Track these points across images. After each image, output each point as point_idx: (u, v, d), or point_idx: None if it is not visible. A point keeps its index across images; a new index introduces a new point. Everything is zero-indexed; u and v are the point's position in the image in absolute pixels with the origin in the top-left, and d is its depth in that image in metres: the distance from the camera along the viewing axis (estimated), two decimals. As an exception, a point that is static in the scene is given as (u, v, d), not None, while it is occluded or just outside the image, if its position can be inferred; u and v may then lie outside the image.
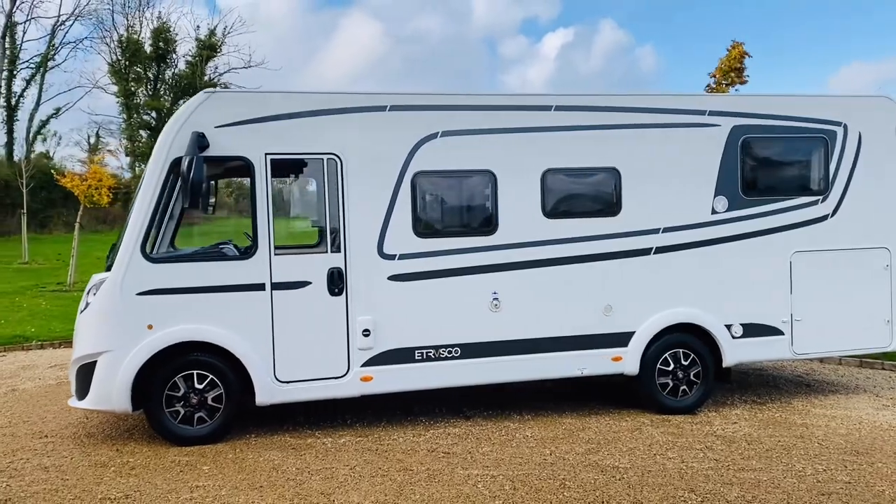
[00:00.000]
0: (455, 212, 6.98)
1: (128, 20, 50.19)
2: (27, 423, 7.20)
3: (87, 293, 6.47)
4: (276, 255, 6.39)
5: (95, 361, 6.15)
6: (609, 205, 7.09)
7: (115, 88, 48.66)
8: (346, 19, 78.99)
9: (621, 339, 7.11)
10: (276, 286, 6.38)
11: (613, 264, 7.07)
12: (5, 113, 39.85)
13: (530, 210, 6.89)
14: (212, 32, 51.24)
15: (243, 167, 6.39)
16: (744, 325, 7.37)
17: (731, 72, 16.53)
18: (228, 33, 51.55)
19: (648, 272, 7.15)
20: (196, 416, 6.34)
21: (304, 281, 6.44)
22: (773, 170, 7.60)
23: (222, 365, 6.33)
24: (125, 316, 6.11)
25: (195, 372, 6.32)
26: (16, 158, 39.17)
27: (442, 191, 6.86)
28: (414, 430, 6.74)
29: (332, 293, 6.49)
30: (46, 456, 6.14)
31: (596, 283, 7.04)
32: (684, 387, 7.29)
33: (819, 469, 5.68)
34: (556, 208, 6.97)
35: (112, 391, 6.10)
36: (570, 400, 7.79)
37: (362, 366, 6.56)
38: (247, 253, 6.38)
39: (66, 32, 44.45)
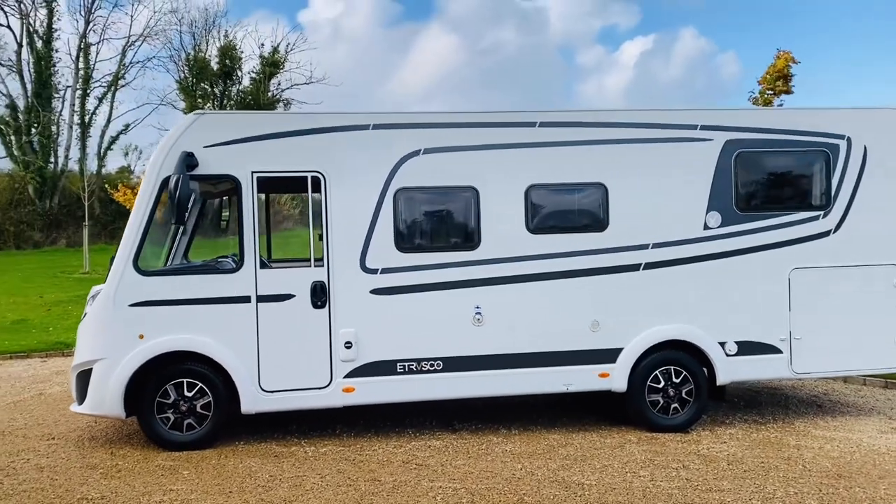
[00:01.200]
0: (437, 227, 7.09)
1: (195, 39, 52.17)
2: (41, 425, 7.63)
3: (88, 303, 6.85)
4: (261, 268, 6.63)
5: (92, 368, 6.50)
6: (595, 220, 7.08)
7: (183, 105, 50.57)
8: (423, 33, 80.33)
9: (609, 356, 7.07)
10: (262, 299, 6.62)
11: (600, 280, 7.05)
12: (79, 130, 41.92)
13: (514, 225, 6.94)
14: (275, 50, 52.75)
15: (231, 185, 6.67)
16: (738, 343, 7.21)
17: (778, 80, 16.09)
18: (291, 50, 53.06)
19: (637, 288, 7.09)
20: (185, 422, 6.63)
21: (288, 294, 6.67)
22: (770, 185, 7.43)
23: (210, 374, 6.60)
24: (118, 326, 6.44)
25: (185, 380, 6.61)
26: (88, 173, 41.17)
27: (424, 206, 6.98)
28: (397, 442, 6.86)
29: (316, 306, 6.68)
30: (46, 457, 6.53)
31: (582, 299, 7.03)
32: (675, 405, 7.19)
33: (791, 492, 5.54)
34: (540, 224, 7.00)
35: (106, 397, 6.43)
36: (566, 414, 7.76)
37: (345, 377, 6.73)
38: (233, 267, 6.64)
39: (136, 52, 46.34)
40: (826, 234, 7.35)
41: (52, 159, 40.36)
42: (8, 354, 12.00)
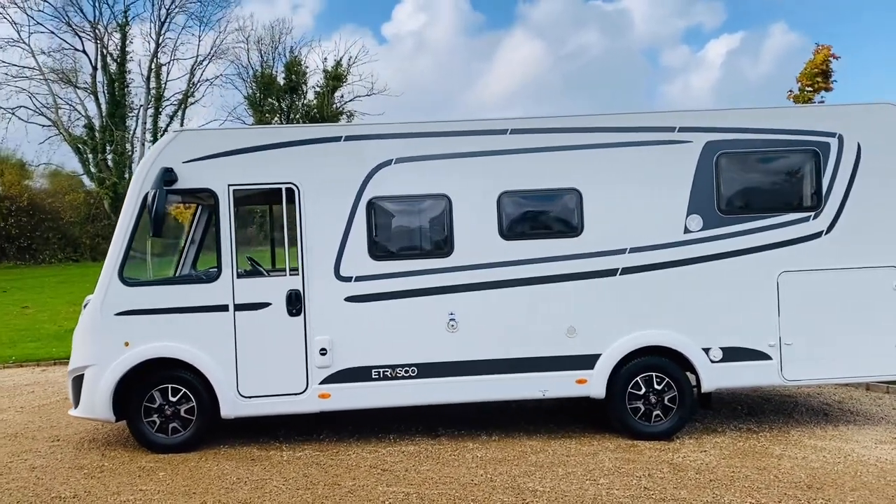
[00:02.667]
0: (410, 235, 7.19)
1: (262, 56, 53.81)
2: (53, 427, 8.10)
3: (82, 311, 7.24)
4: (238, 277, 6.88)
5: (84, 374, 6.88)
6: (569, 226, 7.04)
7: (251, 120, 52.24)
8: (505, 41, 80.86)
9: (586, 362, 7.00)
10: (239, 307, 6.86)
11: (576, 285, 7.00)
12: (151, 147, 43.81)
13: (487, 232, 6.97)
14: (338, 63, 53.90)
15: (209, 198, 6.94)
16: (723, 349, 7.03)
17: (818, 76, 15.44)
18: (353, 63, 54.10)
19: (615, 293, 7.01)
20: (170, 426, 6.93)
21: (264, 302, 6.89)
22: (755, 186, 7.21)
23: (193, 380, 6.87)
24: (105, 334, 6.80)
25: (169, 386, 6.91)
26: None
27: (397, 215, 7.10)
28: (372, 447, 6.97)
29: (291, 314, 6.88)
30: (43, 458, 6.94)
31: (557, 305, 6.99)
32: (657, 412, 7.05)
33: (748, 502, 5.38)
34: (513, 230, 7.01)
35: (96, 402, 6.79)
36: (555, 421, 7.71)
37: (320, 383, 6.90)
38: (212, 277, 6.91)
39: (204, 71, 48.20)
40: (817, 235, 7.09)
41: (126, 175, 42.36)
42: (52, 361, 12.70)
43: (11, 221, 32.85)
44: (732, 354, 7.04)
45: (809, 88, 15.54)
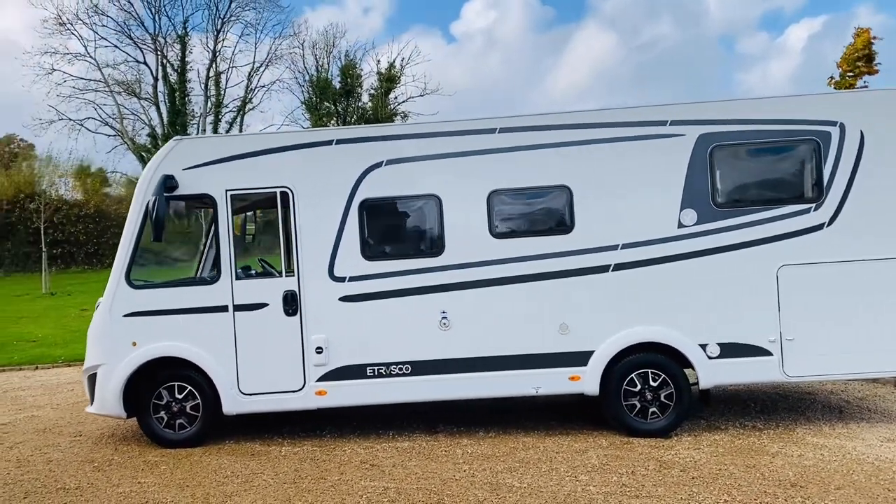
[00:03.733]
0: (402, 235, 7.31)
1: (317, 60, 54.81)
2: (79, 423, 8.54)
3: (94, 313, 7.62)
4: (237, 279, 7.13)
5: (96, 372, 7.25)
6: (560, 223, 7.04)
7: (308, 124, 53.31)
8: (577, 34, 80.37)
9: (579, 359, 6.99)
10: (238, 308, 7.12)
11: (567, 282, 6.99)
12: (212, 153, 45.12)
13: (477, 231, 7.03)
14: (391, 65, 54.47)
15: (208, 203, 7.22)
16: (721, 345, 6.91)
17: (859, 61, 14.83)
18: (406, 64, 54.59)
19: (607, 290, 6.97)
20: (177, 422, 7.24)
21: (261, 303, 7.12)
22: (751, 178, 7.05)
23: (198, 378, 7.16)
24: (114, 334, 7.15)
25: (176, 384, 7.22)
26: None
27: (388, 216, 7.23)
28: (368, 443, 7.13)
29: (288, 314, 7.09)
30: (61, 451, 7.35)
31: (549, 302, 7.00)
32: (654, 409, 6.98)
33: (723, 499, 5.30)
34: (503, 228, 7.05)
35: (107, 399, 7.15)
36: (555, 418, 7.71)
37: (317, 381, 7.09)
38: (212, 279, 7.18)
39: (260, 77, 49.49)
40: (819, 227, 6.89)
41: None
42: (98, 361, 13.30)
43: (80, 227, 34.39)
44: (731, 350, 6.91)
45: (851, 74, 15.00)
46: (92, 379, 7.33)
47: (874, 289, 6.84)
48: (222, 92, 47.18)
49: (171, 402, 7.23)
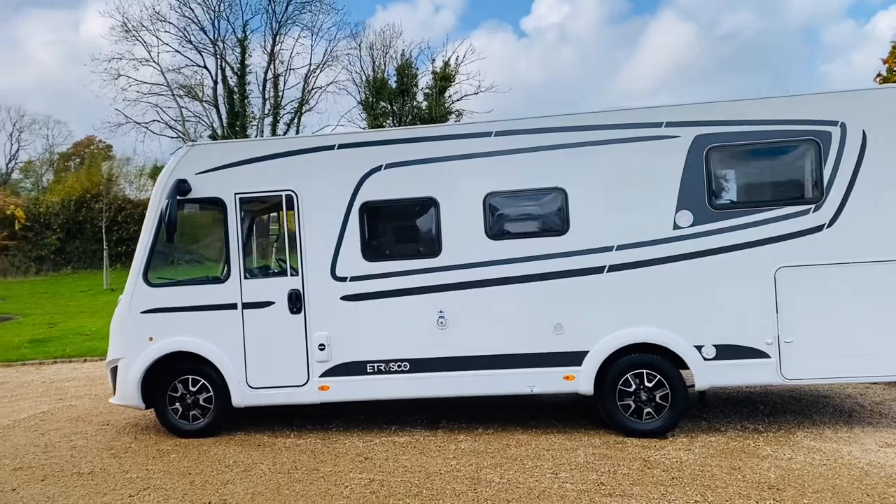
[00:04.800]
0: (401, 237, 7.53)
1: (374, 61, 55.55)
2: (109, 413, 9.07)
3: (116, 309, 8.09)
4: (245, 279, 7.48)
5: (117, 365, 7.72)
6: (555, 224, 7.13)
7: (364, 124, 54.11)
8: (653, 26, 79.37)
9: (574, 358, 7.08)
10: (246, 305, 7.47)
11: (562, 283, 7.08)
12: (269, 154, 46.31)
13: (473, 232, 7.19)
14: (446, 64, 54.79)
15: (219, 206, 7.58)
16: (717, 347, 6.90)
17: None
18: (461, 63, 54.84)
19: (602, 291, 7.04)
20: (191, 413, 7.65)
21: (268, 301, 7.45)
22: (749, 180, 7.03)
23: (211, 371, 7.55)
24: (132, 329, 7.59)
25: (190, 377, 7.62)
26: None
27: (388, 218, 7.46)
28: (369, 437, 7.39)
29: (292, 311, 7.40)
30: (86, 439, 7.86)
31: (544, 302, 7.11)
32: (649, 409, 7.02)
33: (695, 499, 5.35)
34: (499, 230, 7.19)
35: (127, 390, 7.61)
36: (557, 416, 7.82)
37: (320, 376, 7.38)
38: (221, 278, 7.55)
39: (317, 78, 50.47)
40: (818, 229, 6.80)
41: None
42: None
43: (135, 229, 35.99)
44: (727, 352, 6.89)
45: (898, 68, 14.50)
46: (114, 371, 7.79)
47: (875, 291, 6.72)
48: (280, 94, 48.39)
49: (185, 395, 7.64)
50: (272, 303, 7.44)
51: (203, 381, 7.61)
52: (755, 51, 70.74)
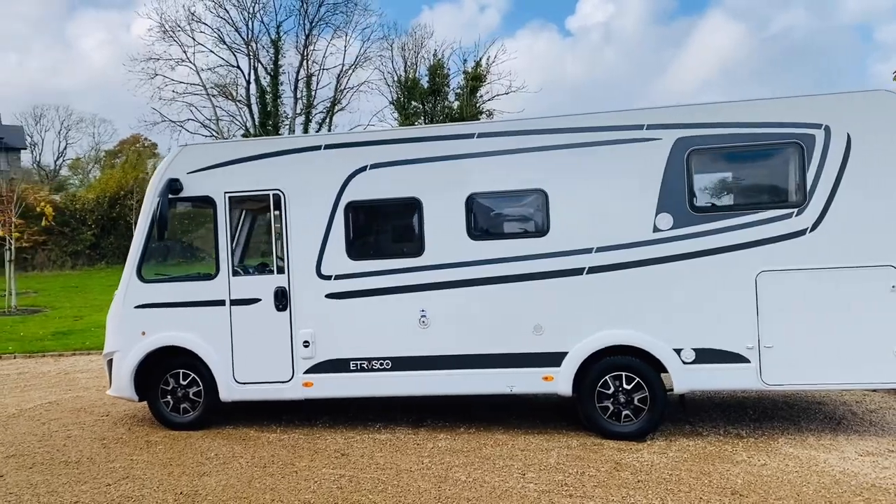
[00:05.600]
0: (384, 236, 7.63)
1: (406, 61, 55.84)
2: (111, 405, 9.33)
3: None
4: (233, 276, 7.66)
5: (112, 358, 7.96)
6: (535, 226, 7.17)
7: (395, 123, 54.38)
8: (700, 26, 78.45)
9: (553, 359, 7.11)
10: (234, 302, 7.64)
11: (542, 284, 7.11)
12: (301, 153, 46.87)
13: (455, 233, 7.25)
14: (477, 64, 54.84)
15: (209, 204, 7.76)
16: (696, 350, 6.86)
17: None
18: (492, 63, 54.85)
19: (581, 292, 7.05)
20: (181, 406, 7.85)
21: (255, 298, 7.62)
22: (730, 183, 6.99)
23: (200, 366, 7.75)
24: (126, 324, 7.83)
25: (181, 371, 7.83)
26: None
27: (372, 217, 7.57)
28: (353, 433, 7.51)
29: (278, 309, 7.56)
30: (82, 429, 8.12)
31: (524, 303, 7.14)
32: (627, 412, 7.02)
33: (654, 502, 5.34)
34: (480, 231, 7.25)
35: (121, 383, 7.84)
36: (540, 416, 7.85)
37: (304, 373, 7.52)
38: (210, 275, 7.74)
39: (349, 78, 50.91)
40: (801, 233, 6.72)
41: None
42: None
43: (175, 223, 36.77)
44: (706, 356, 6.86)
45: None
46: (110, 364, 8.04)
47: (857, 297, 6.62)
48: (313, 93, 48.93)
49: (176, 388, 7.85)
50: (259, 300, 7.61)
51: (193, 375, 7.81)
52: (806, 50, 69.39)
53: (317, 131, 49.30)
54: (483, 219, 7.30)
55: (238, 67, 44.14)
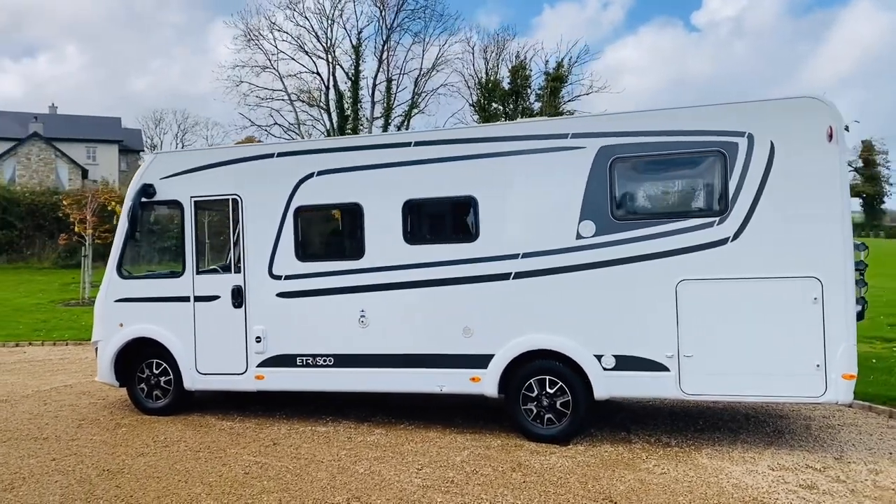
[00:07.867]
0: (329, 239, 8.07)
1: (486, 63, 56.19)
2: (111, 389, 10.11)
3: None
4: (197, 274, 8.28)
5: (97, 347, 8.77)
6: (466, 231, 7.41)
7: (475, 124, 54.77)
8: (843, 16, 75.66)
9: (480, 361, 7.33)
10: (198, 298, 8.27)
11: (471, 288, 7.35)
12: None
13: (392, 237, 7.59)
14: (559, 65, 54.57)
15: (177, 207, 8.41)
16: (617, 357, 6.93)
17: None
18: (574, 63, 54.47)
19: (507, 297, 7.24)
20: (154, 393, 8.56)
21: (215, 295, 8.21)
22: (652, 191, 7.00)
23: (169, 356, 8.43)
24: (107, 316, 8.60)
25: (154, 360, 8.54)
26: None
27: (318, 221, 8.02)
28: (302, 426, 7.97)
29: (235, 306, 8.12)
30: (74, 410, 8.95)
31: (454, 306, 7.40)
32: (550, 415, 7.16)
33: (509, 501, 5.52)
34: (415, 235, 7.56)
35: (104, 370, 8.63)
36: (498, 418, 8.08)
37: (257, 366, 8.05)
38: (177, 273, 8.39)
39: (427, 81, 51.76)
40: (722, 242, 6.67)
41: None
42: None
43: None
44: (626, 363, 6.91)
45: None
46: (96, 352, 8.85)
47: (780, 309, 6.51)
48: (392, 97, 50.09)
49: (150, 376, 8.56)
50: (218, 297, 8.20)
51: (164, 365, 8.49)
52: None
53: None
54: (418, 224, 7.60)
55: (317, 73, 45.73)
